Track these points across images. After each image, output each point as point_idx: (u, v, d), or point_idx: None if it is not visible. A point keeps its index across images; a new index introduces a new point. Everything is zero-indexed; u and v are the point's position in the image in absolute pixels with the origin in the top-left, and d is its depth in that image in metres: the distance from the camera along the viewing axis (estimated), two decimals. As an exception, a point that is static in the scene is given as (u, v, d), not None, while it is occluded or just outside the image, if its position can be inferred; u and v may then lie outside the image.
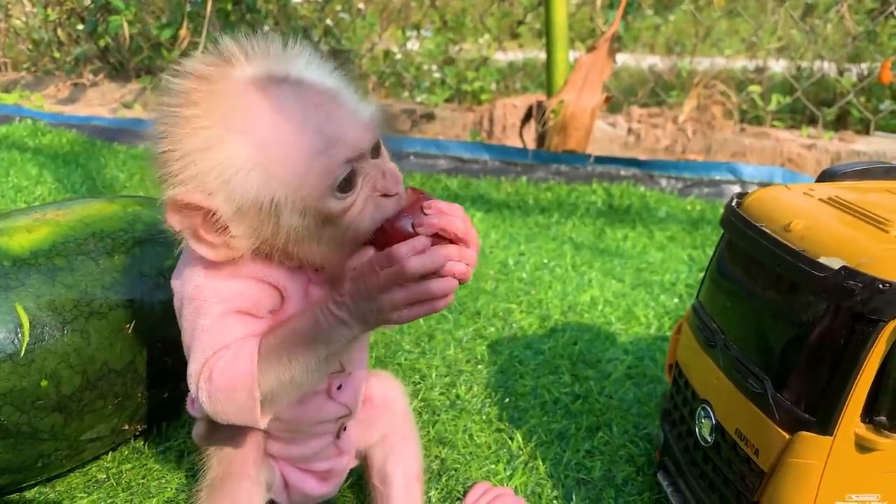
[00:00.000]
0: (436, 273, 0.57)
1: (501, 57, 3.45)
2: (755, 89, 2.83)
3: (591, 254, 1.58)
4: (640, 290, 1.41)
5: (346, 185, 0.59)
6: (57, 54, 3.50)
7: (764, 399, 0.65)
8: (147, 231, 0.90)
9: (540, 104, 1.99)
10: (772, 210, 0.73)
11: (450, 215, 0.58)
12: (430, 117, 2.87)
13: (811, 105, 2.79)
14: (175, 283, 0.65)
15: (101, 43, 3.51)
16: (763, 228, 0.70)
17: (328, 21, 3.34)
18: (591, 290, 1.38)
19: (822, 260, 0.62)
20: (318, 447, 0.75)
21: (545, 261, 1.52)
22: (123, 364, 0.83)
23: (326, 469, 0.78)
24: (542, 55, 3.12)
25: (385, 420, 0.82)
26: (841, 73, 3.19)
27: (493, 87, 3.09)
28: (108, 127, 2.36)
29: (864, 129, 2.92)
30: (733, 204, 0.78)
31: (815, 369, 0.62)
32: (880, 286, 0.57)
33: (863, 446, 0.60)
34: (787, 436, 0.62)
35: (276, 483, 0.76)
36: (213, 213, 0.59)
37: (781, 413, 0.63)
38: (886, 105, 2.93)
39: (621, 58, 3.29)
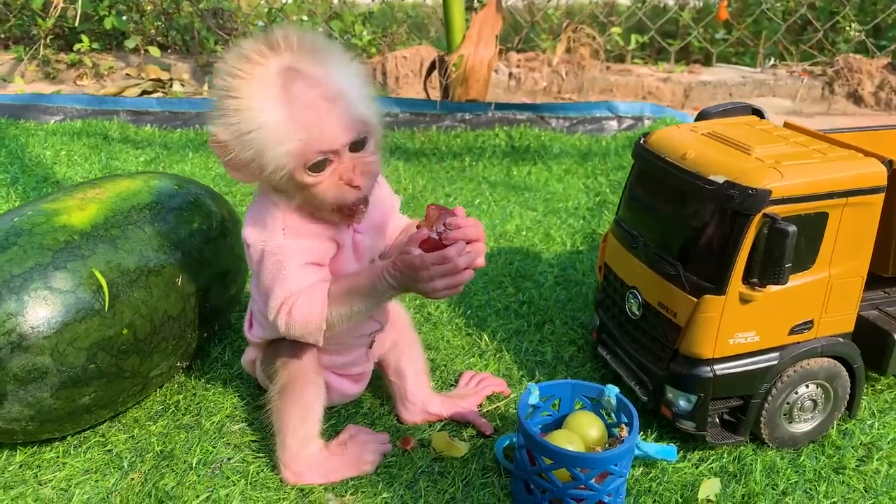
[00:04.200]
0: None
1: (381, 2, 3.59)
2: (616, 30, 3.17)
3: (506, 190, 1.84)
4: (552, 216, 1.69)
5: (316, 168, 0.80)
6: (-87, 27, 3.29)
7: (677, 278, 0.94)
8: (171, 200, 1.06)
9: (442, 59, 2.20)
10: (669, 145, 1.01)
11: (465, 227, 0.81)
12: (324, 73, 3.00)
13: (663, 42, 3.17)
14: (251, 235, 0.85)
15: (-41, 12, 3.33)
16: (666, 158, 0.98)
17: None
18: (514, 220, 1.65)
19: (710, 177, 0.90)
20: (356, 356, 0.98)
21: (470, 199, 1.77)
22: (178, 311, 1.00)
23: (359, 373, 1.01)
24: None
25: (395, 331, 1.05)
26: (682, 7, 3.61)
27: (375, 36, 3.24)
28: (8, 104, 2.34)
29: (705, 58, 3.35)
30: (641, 142, 1.06)
31: (711, 252, 0.91)
32: (750, 192, 0.86)
33: (743, 300, 0.90)
34: (695, 300, 0.91)
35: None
36: (234, 153, 0.80)
37: (690, 285, 0.92)
38: (721, 34, 3.36)
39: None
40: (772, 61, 3.18)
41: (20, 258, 0.88)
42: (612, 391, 0.92)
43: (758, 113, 1.11)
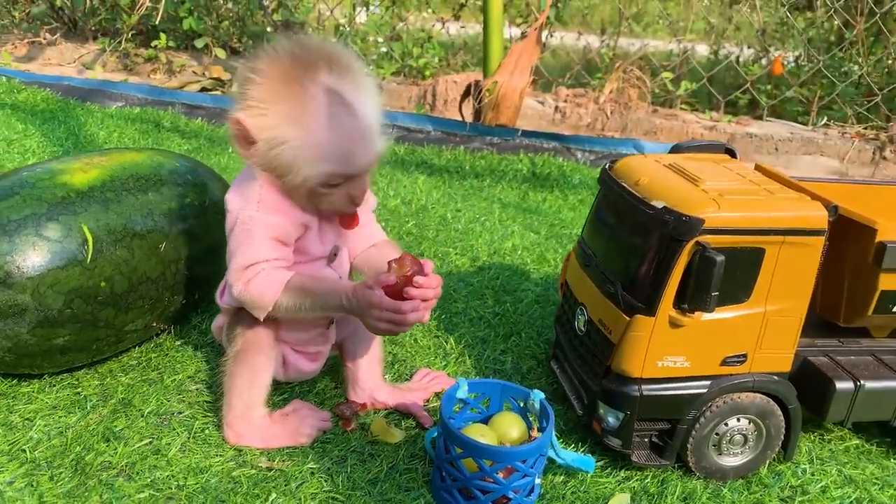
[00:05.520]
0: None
1: (444, 32, 3.72)
2: (667, 76, 3.19)
3: (516, 212, 1.90)
4: (552, 240, 1.74)
5: (334, 185, 0.92)
6: (15, 13, 3.59)
7: (615, 296, 0.97)
8: (169, 175, 1.17)
9: (477, 83, 2.28)
10: (630, 171, 1.05)
11: (427, 288, 0.92)
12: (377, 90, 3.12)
13: (714, 91, 3.17)
14: (231, 201, 0.95)
15: (57, 3, 3.62)
16: (622, 183, 1.02)
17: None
18: (513, 239, 1.70)
19: (652, 202, 0.94)
20: (314, 334, 1.06)
21: (477, 216, 1.83)
22: (157, 274, 1.10)
23: (316, 351, 1.08)
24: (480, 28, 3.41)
25: (356, 320, 1.11)
26: (754, 61, 3.60)
27: (436, 60, 3.37)
28: (79, 87, 2.54)
29: (771, 112, 3.33)
30: (606, 168, 1.10)
31: (645, 274, 0.94)
32: (683, 218, 0.90)
33: (673, 323, 0.93)
34: (627, 318, 0.95)
35: (278, 362, 1.05)
36: (255, 141, 0.89)
37: (625, 304, 0.96)
38: (792, 91, 3.33)
39: (561, 35, 3.63)
40: (824, 120, 3.13)
41: (19, 206, 0.99)
42: (538, 396, 0.96)
43: (730, 153, 1.14)
